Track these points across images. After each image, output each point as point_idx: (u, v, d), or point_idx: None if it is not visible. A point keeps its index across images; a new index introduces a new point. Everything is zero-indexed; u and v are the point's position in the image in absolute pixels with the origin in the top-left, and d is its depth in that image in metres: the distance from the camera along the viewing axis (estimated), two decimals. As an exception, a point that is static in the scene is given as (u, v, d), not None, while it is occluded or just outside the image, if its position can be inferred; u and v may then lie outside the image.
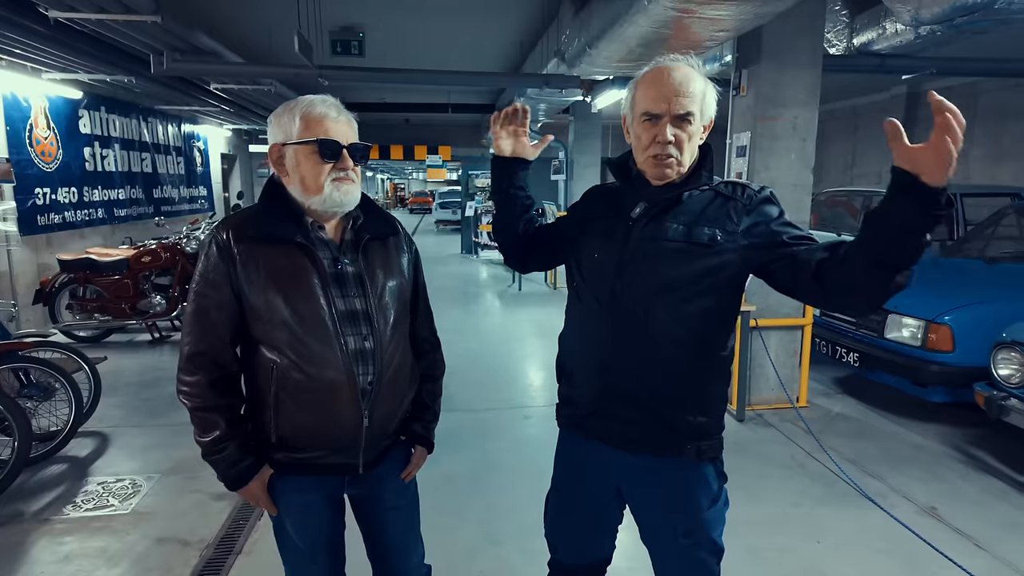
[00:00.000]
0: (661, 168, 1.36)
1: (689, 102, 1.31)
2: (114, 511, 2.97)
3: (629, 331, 1.38)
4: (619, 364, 1.40)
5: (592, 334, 1.44)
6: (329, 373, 1.38)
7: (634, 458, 1.44)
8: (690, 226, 1.35)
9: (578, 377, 1.50)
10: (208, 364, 1.39)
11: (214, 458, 1.42)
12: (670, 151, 1.33)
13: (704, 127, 1.40)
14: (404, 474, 1.63)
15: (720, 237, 1.34)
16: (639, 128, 1.37)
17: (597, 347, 1.42)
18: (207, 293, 1.38)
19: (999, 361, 3.21)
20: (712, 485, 1.45)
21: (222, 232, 1.38)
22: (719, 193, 1.39)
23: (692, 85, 1.32)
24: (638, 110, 1.36)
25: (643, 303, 1.36)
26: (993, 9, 3.32)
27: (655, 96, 1.32)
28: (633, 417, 1.41)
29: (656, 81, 1.33)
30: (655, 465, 1.43)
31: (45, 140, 6.59)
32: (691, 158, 1.39)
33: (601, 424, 1.46)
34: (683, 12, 3.19)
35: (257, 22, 6.35)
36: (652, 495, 1.47)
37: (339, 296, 1.41)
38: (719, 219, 1.35)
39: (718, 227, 1.34)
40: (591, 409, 1.47)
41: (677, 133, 1.32)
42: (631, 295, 1.37)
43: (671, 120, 1.32)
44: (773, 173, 4.14)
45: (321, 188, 1.38)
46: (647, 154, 1.36)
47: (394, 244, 1.55)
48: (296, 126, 1.37)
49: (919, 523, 2.85)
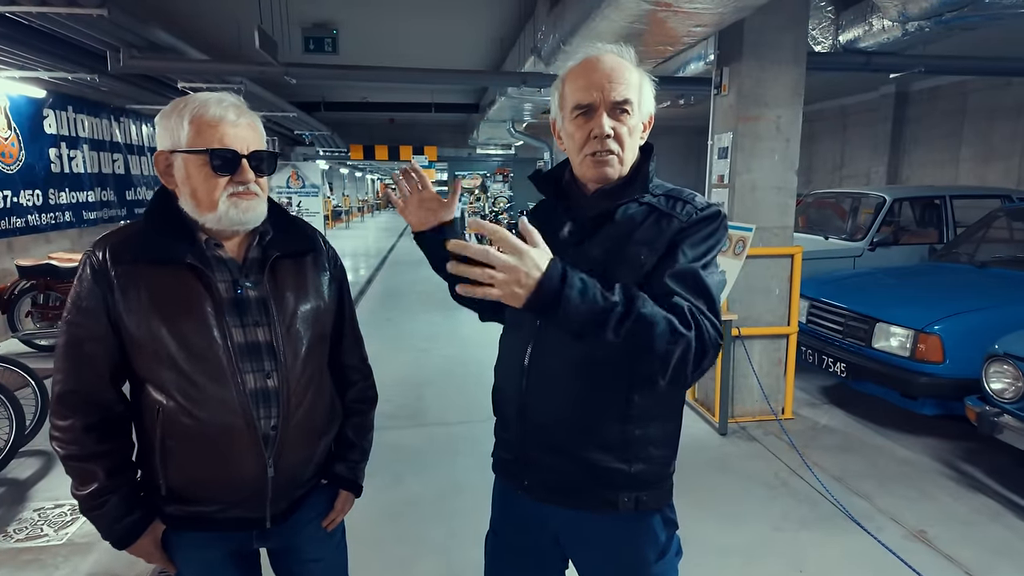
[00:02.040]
0: (601, 168, 1.17)
1: (625, 89, 1.14)
2: (47, 541, 2.76)
3: (547, 367, 1.20)
4: (538, 405, 1.22)
5: (514, 370, 1.25)
6: (223, 417, 1.19)
7: (566, 511, 1.25)
8: (617, 251, 1.16)
9: (505, 416, 1.33)
10: (82, 405, 1.19)
11: (94, 514, 1.23)
12: (609, 145, 1.15)
13: (644, 124, 1.22)
14: (326, 522, 1.43)
15: (644, 256, 1.13)
16: (571, 126, 1.19)
17: (517, 385, 1.24)
18: (80, 323, 1.18)
19: (991, 374, 3.05)
20: (659, 536, 1.26)
21: (98, 251, 1.18)
22: (655, 208, 1.19)
23: (626, 73, 1.15)
24: (568, 106, 1.18)
25: (562, 336, 1.15)
26: (982, 4, 3.17)
27: (585, 85, 1.15)
28: (557, 466, 1.22)
29: (585, 70, 1.16)
30: (590, 519, 1.25)
31: (6, 141, 6.33)
32: (633, 157, 1.21)
33: (524, 471, 1.28)
34: (657, 5, 3.01)
35: (223, 18, 6.12)
36: (590, 549, 1.28)
37: (237, 325, 1.21)
38: (649, 239, 1.15)
39: (645, 246, 1.14)
40: (515, 454, 1.29)
41: (615, 126, 1.15)
42: (552, 330, 1.18)
43: (607, 110, 1.14)
44: (756, 175, 3.97)
45: (215, 205, 1.18)
46: (583, 153, 1.18)
47: (312, 262, 1.35)
48: (185, 131, 1.16)
49: (907, 548, 2.68)
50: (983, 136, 8.87)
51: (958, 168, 9.27)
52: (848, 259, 5.50)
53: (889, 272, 4.81)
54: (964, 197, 6.02)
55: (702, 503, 3.05)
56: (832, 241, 5.77)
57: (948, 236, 5.67)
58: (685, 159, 14.78)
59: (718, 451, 3.65)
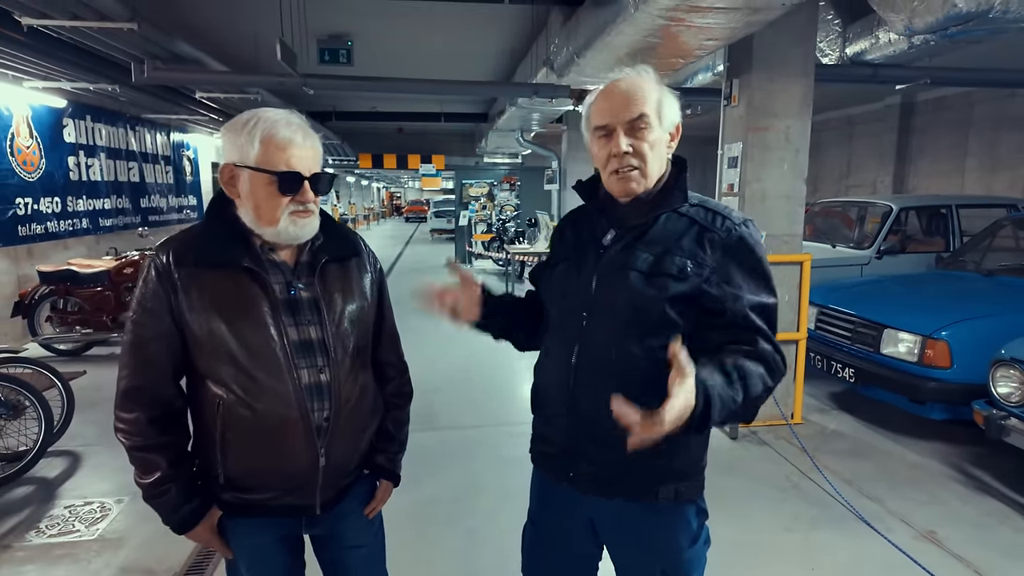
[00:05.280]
0: (625, 183, 1.28)
1: (639, 106, 1.25)
2: (79, 537, 2.84)
3: (598, 366, 1.28)
4: (588, 402, 1.29)
5: (562, 368, 1.33)
6: (280, 410, 1.27)
7: (608, 501, 1.34)
8: (662, 255, 1.26)
9: (549, 413, 1.40)
10: (147, 400, 1.28)
11: (156, 501, 1.32)
12: (629, 162, 1.26)
13: (670, 135, 1.32)
14: (368, 510, 1.52)
15: (690, 268, 1.25)
16: (595, 147, 1.31)
17: (567, 382, 1.32)
18: (145, 323, 1.27)
19: (998, 379, 3.11)
20: (692, 524, 1.35)
21: (161, 255, 1.27)
22: (696, 221, 1.30)
23: (641, 92, 1.26)
24: (591, 127, 1.30)
25: (612, 336, 1.26)
26: (988, 18, 3.25)
27: (604, 109, 1.28)
28: (605, 459, 1.31)
29: (605, 95, 1.29)
30: (630, 508, 1.33)
31: (27, 149, 6.47)
32: (659, 169, 1.31)
33: (571, 464, 1.36)
34: (671, 20, 3.11)
35: (242, 30, 6.26)
36: (628, 536, 1.37)
37: (292, 324, 1.30)
38: (692, 250, 1.26)
39: (690, 258, 1.25)
40: (561, 447, 1.37)
41: (634, 143, 1.25)
42: (600, 328, 1.28)
43: (624, 129, 1.25)
44: (765, 184, 4.05)
45: (277, 221, 1.26)
46: (608, 170, 1.29)
47: (356, 265, 1.44)
48: (255, 149, 1.23)
49: (917, 549, 2.74)
50: (989, 146, 8.93)
51: (964, 178, 9.32)
52: (855, 267, 5.57)
53: (896, 280, 4.88)
54: (970, 207, 6.09)
55: (714, 504, 3.04)
56: (840, 249, 5.84)
57: (954, 245, 5.73)
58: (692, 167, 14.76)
59: (729, 455, 3.71)
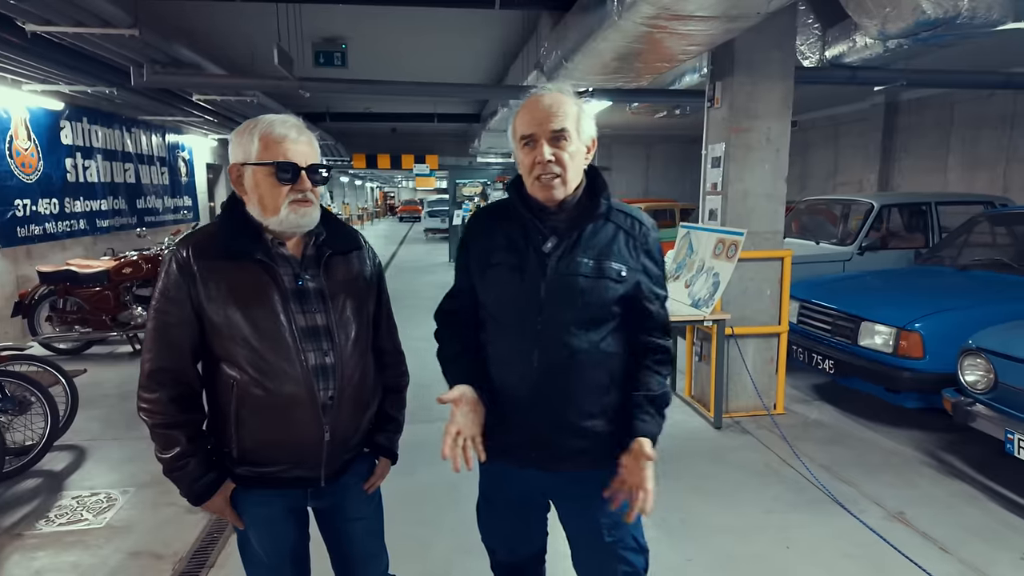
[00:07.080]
0: (547, 190, 1.42)
1: (561, 120, 1.39)
2: (88, 525, 2.96)
3: (558, 365, 1.44)
4: (556, 397, 1.46)
5: (525, 369, 1.46)
6: (289, 388, 1.41)
7: (568, 473, 1.52)
8: (599, 260, 1.44)
9: (515, 410, 1.50)
10: (169, 381, 1.41)
11: (176, 475, 1.44)
12: (552, 169, 1.40)
13: (587, 148, 1.46)
14: (367, 485, 1.65)
15: (625, 272, 1.46)
16: (520, 154, 1.45)
17: (532, 382, 1.46)
18: (168, 310, 1.40)
19: (966, 368, 3.27)
20: None
21: (182, 250, 1.40)
22: (619, 227, 1.48)
23: (563, 107, 1.40)
24: (517, 136, 1.44)
25: (567, 334, 1.43)
26: (955, 24, 3.41)
27: (528, 120, 1.41)
28: (571, 444, 1.48)
29: (529, 107, 1.43)
30: (580, 476, 1.51)
31: (26, 151, 6.56)
32: (577, 177, 1.46)
33: (536, 450, 1.51)
34: (654, 28, 3.25)
35: (239, 34, 6.37)
36: (579, 499, 1.55)
37: (300, 312, 1.43)
38: (623, 255, 1.47)
39: (623, 263, 1.46)
40: (531, 439, 1.50)
41: (556, 152, 1.40)
42: (554, 330, 1.43)
43: (547, 139, 1.39)
44: (747, 183, 4.20)
45: (278, 210, 1.40)
46: (531, 177, 1.43)
47: (357, 258, 1.58)
48: (255, 147, 1.39)
49: (887, 528, 2.90)
50: (969, 145, 9.14)
51: (947, 176, 9.53)
52: (838, 263, 5.74)
53: (875, 275, 5.05)
54: (949, 204, 6.28)
55: (698, 489, 3.27)
56: (823, 246, 6.01)
57: (934, 241, 5.90)
58: (680, 167, 15.02)
59: (713, 443, 3.87)
